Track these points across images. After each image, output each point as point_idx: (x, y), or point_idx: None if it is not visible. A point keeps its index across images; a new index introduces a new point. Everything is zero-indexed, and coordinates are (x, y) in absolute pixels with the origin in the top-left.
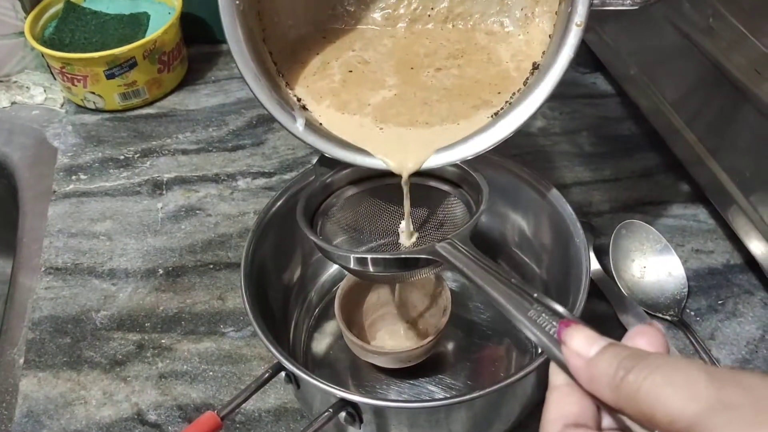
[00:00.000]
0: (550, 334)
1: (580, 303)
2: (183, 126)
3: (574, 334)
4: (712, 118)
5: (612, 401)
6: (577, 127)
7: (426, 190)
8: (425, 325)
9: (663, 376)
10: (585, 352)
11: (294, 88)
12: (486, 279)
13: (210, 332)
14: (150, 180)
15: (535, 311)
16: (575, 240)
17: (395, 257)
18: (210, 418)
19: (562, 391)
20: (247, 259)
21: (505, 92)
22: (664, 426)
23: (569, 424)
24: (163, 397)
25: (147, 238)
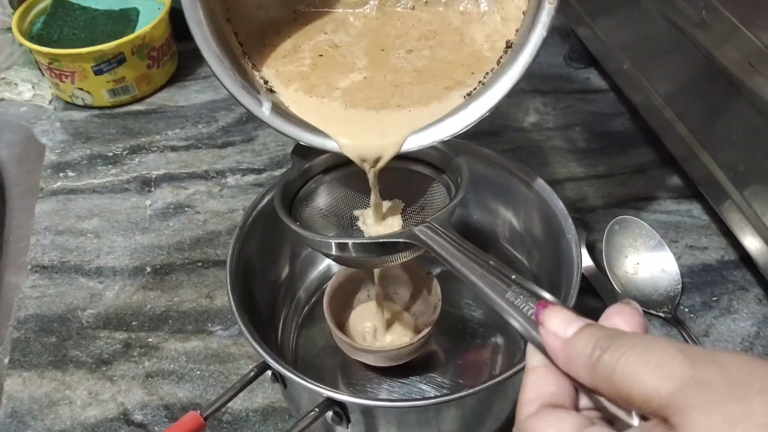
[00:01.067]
0: (527, 316)
1: (571, 299)
2: (172, 122)
3: (552, 314)
4: (706, 113)
5: (589, 382)
6: (571, 123)
7: (407, 175)
8: (415, 323)
9: (638, 354)
10: (562, 332)
11: (261, 71)
12: (463, 262)
13: (197, 331)
14: (138, 177)
15: (513, 293)
16: (567, 235)
17: (373, 242)
18: (192, 418)
19: (539, 372)
20: (233, 256)
21: (479, 72)
22: (639, 405)
23: (546, 404)
24: (149, 396)
25: (135, 236)
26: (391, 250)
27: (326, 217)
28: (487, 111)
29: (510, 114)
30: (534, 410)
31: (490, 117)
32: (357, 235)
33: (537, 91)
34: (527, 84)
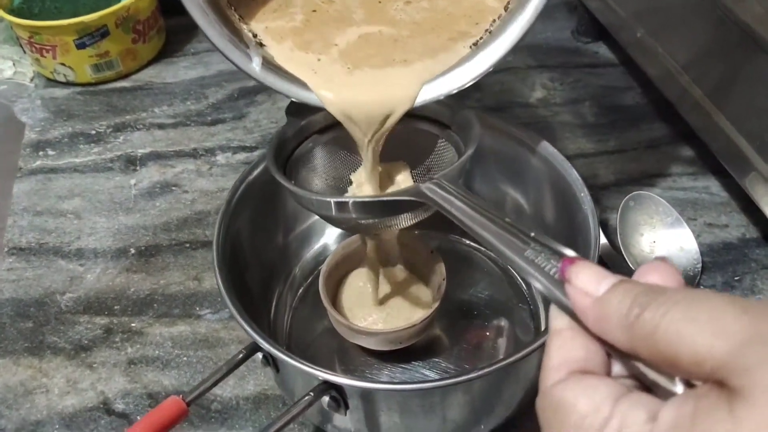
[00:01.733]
0: (550, 275)
1: None
2: (159, 99)
3: (580, 270)
4: (727, 78)
5: (625, 344)
6: (579, 98)
7: (411, 134)
8: (418, 303)
9: (684, 311)
10: (592, 289)
11: (250, 25)
12: (476, 220)
13: (185, 315)
14: (123, 155)
15: (533, 251)
16: (582, 207)
17: (376, 200)
18: (174, 403)
19: (564, 336)
20: (220, 232)
21: (483, 22)
22: (687, 368)
23: (574, 370)
24: (131, 384)
25: (118, 216)
26: (396, 210)
27: (324, 179)
28: (498, 59)
29: (515, 89)
30: (561, 377)
31: (494, 93)
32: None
33: (543, 66)
34: (533, 59)
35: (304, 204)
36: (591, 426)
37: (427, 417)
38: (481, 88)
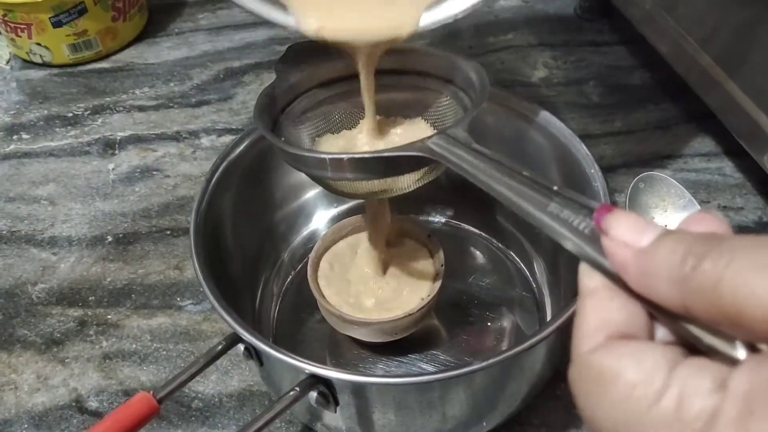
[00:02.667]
0: (579, 230)
1: None
2: (141, 81)
3: (619, 220)
4: (747, 52)
5: (676, 302)
6: (583, 77)
7: (412, 92)
8: (415, 291)
9: (754, 259)
10: (635, 240)
11: None
12: (492, 175)
13: (164, 306)
14: (101, 139)
15: (557, 205)
16: (593, 184)
17: (377, 156)
18: (143, 399)
19: (600, 296)
20: (198, 215)
21: None
22: (757, 328)
23: (614, 335)
24: (106, 380)
25: (95, 202)
26: (399, 169)
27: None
28: None
29: (516, 68)
30: (600, 342)
31: (495, 71)
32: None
33: (545, 44)
34: (534, 36)
35: (295, 163)
36: (644, 397)
37: (425, 414)
38: None
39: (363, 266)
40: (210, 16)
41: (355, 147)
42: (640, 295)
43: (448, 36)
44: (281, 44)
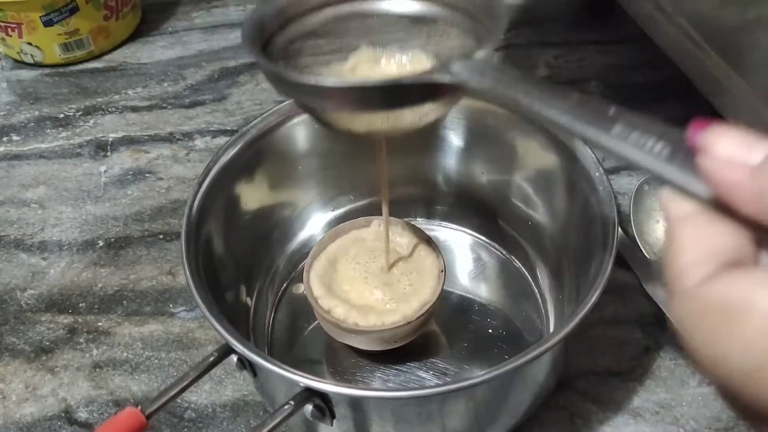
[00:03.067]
0: (655, 153)
1: (606, 266)
2: (134, 81)
3: (722, 135)
4: (758, 51)
5: None
6: (585, 76)
7: (416, 23)
8: (415, 298)
9: None
10: (743, 157)
11: None
12: (534, 95)
13: (157, 313)
14: (93, 140)
15: (623, 127)
16: (597, 189)
17: (390, 84)
18: (131, 416)
19: (697, 223)
20: (189, 219)
21: None
22: None
23: (725, 263)
24: (96, 390)
25: (86, 206)
26: (413, 100)
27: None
28: None
29: (518, 68)
30: (710, 272)
31: None
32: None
33: (547, 42)
34: (536, 35)
35: (290, 92)
36: None
37: (425, 426)
38: None
39: (361, 273)
40: (205, 14)
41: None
42: (750, 219)
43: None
44: None
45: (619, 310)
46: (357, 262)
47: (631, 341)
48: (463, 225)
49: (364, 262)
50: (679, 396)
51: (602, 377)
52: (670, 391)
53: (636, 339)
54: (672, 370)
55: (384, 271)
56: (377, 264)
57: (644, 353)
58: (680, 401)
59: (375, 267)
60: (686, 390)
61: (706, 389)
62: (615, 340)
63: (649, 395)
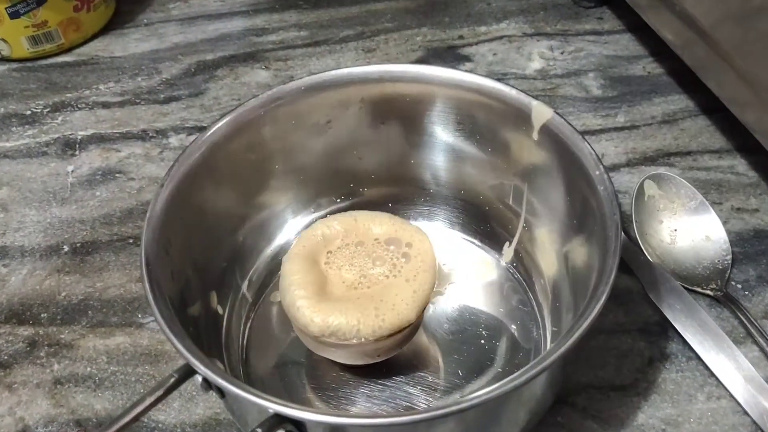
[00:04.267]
0: None
1: (609, 274)
2: (106, 75)
3: None
4: (764, 40)
5: None
6: (582, 68)
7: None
8: (401, 306)
9: None
10: None
11: None
12: None
13: (124, 323)
14: (60, 138)
15: None
16: (597, 189)
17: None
18: None
19: None
20: (151, 221)
21: None
22: None
23: None
24: (56, 409)
25: (51, 208)
26: None
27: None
28: None
29: (510, 60)
30: None
31: (487, 64)
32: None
33: (541, 33)
34: (529, 25)
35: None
36: None
37: None
38: (473, 59)
39: (339, 281)
40: (182, 5)
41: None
42: None
43: (438, 24)
44: (258, 35)
45: (620, 319)
46: (335, 268)
47: (634, 352)
48: (453, 227)
49: (343, 267)
50: (687, 412)
51: (603, 392)
52: (677, 407)
53: (639, 349)
54: (679, 384)
55: (365, 277)
56: (358, 269)
57: (648, 365)
58: (688, 417)
59: (355, 273)
60: (694, 405)
61: (715, 404)
62: (617, 351)
63: (654, 411)
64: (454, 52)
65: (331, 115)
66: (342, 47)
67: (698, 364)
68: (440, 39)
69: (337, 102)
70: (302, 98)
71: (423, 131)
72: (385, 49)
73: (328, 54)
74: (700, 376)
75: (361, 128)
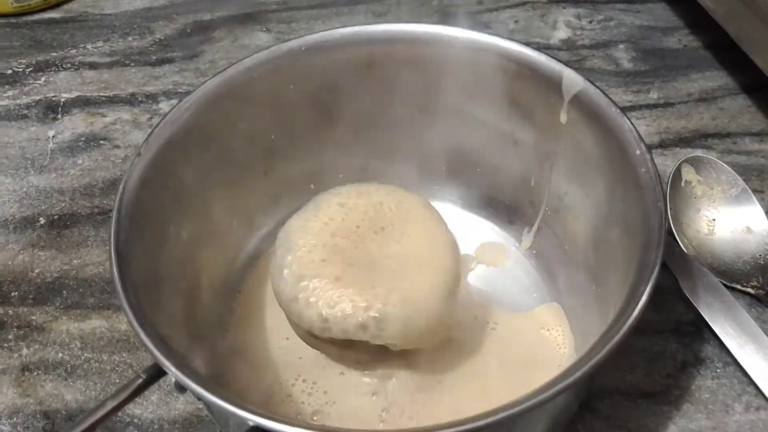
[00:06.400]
0: None
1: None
2: (94, 34)
3: None
4: None
5: None
6: (613, 39)
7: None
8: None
9: None
10: None
11: None
12: None
13: (101, 306)
14: (42, 101)
15: None
16: (638, 170)
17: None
18: None
19: None
20: (124, 196)
21: None
22: None
23: None
24: (23, 399)
25: (29, 176)
26: None
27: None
28: None
29: (533, 28)
30: None
31: (507, 32)
32: None
33: (567, 0)
34: None
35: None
36: None
37: None
38: (492, 26)
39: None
40: None
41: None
42: None
43: None
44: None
45: (651, 317)
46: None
47: (665, 354)
48: (468, 208)
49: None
50: (723, 424)
51: (631, 398)
52: (712, 418)
53: (671, 352)
54: (714, 392)
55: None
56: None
57: (681, 370)
58: (724, 430)
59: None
60: (731, 416)
61: (754, 416)
62: (646, 354)
63: (686, 422)
64: (472, 18)
65: (334, 80)
66: (350, 10)
67: (736, 370)
68: (457, 4)
69: (341, 65)
70: (302, 60)
71: (437, 99)
72: (397, 13)
73: (335, 17)
74: (738, 384)
75: (367, 95)
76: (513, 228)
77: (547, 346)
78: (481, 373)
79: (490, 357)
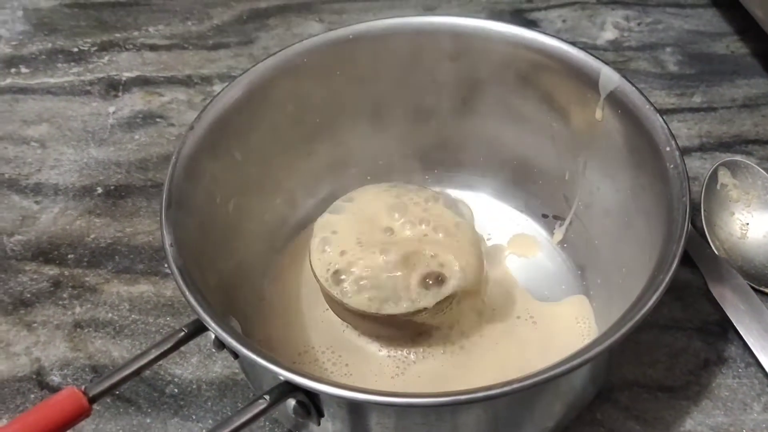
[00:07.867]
0: None
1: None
2: (156, 17)
3: None
4: None
5: None
6: (660, 42)
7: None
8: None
9: None
10: None
11: None
12: None
13: (149, 272)
14: (105, 78)
15: None
16: (668, 167)
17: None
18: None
19: None
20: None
21: None
22: None
23: None
24: (74, 353)
25: (89, 148)
26: None
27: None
28: None
29: (581, 28)
30: None
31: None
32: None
33: (617, 2)
34: None
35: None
36: None
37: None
38: (540, 24)
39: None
40: None
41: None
42: None
43: None
44: None
45: (677, 314)
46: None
47: (688, 351)
48: (502, 200)
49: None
50: (740, 422)
51: (650, 391)
52: (730, 415)
53: (694, 349)
54: (734, 390)
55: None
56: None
57: (703, 367)
58: (740, 428)
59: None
60: (749, 415)
61: None
62: (669, 349)
63: (704, 418)
64: (521, 17)
65: (378, 69)
66: (402, 2)
67: (757, 371)
68: (507, 1)
69: (384, 55)
70: (349, 47)
71: (477, 92)
72: (447, 8)
73: (387, 9)
74: (759, 385)
75: (408, 85)
76: (546, 221)
77: (573, 336)
78: (505, 356)
79: (516, 342)
